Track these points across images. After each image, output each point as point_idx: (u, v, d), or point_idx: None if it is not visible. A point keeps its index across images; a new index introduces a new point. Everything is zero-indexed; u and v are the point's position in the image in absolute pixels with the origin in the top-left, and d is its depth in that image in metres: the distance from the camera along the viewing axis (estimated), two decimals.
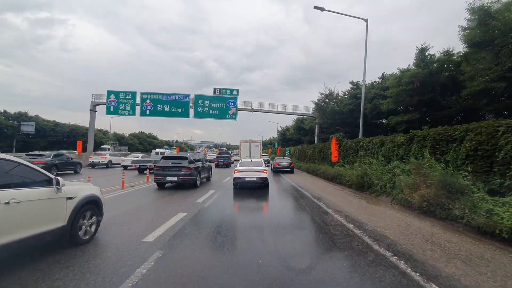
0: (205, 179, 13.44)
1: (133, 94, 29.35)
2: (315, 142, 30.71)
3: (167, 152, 25.87)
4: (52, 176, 3.70)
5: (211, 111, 29.85)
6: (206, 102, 29.84)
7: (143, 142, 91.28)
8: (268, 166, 20.97)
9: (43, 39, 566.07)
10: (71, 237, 3.94)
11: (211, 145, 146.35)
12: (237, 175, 10.78)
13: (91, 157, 23.77)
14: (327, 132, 26.91)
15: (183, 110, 29.69)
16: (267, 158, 36.10)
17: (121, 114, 29.24)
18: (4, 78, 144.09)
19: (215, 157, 32.32)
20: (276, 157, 26.62)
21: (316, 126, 30.77)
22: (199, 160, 12.61)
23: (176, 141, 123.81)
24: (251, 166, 11.16)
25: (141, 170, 18.00)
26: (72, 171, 17.70)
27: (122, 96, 29.22)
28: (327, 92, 26.04)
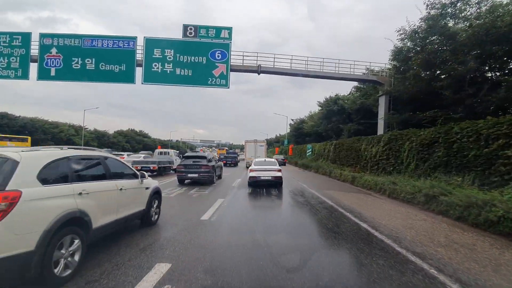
0: (217, 177, 13.69)
1: (25, 37, 14.93)
2: (378, 132, 16.05)
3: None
4: (137, 171, 4.97)
5: (178, 71, 15.22)
6: (169, 53, 15.25)
7: (130, 141, 78.61)
8: None
9: None
10: (147, 219, 5.16)
11: (213, 144, 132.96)
12: (252, 174, 10.77)
13: None
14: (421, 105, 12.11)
15: (124, 68, 15.10)
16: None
17: (2, 77, 14.95)
18: None
19: (217, 157, 31.60)
20: (274, 156, 33.29)
21: (384, 97, 15.90)
22: (212, 160, 13.55)
23: (176, 140, 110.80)
24: (266, 165, 11.27)
25: None
26: None
27: (3, 42, 14.98)
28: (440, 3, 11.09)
